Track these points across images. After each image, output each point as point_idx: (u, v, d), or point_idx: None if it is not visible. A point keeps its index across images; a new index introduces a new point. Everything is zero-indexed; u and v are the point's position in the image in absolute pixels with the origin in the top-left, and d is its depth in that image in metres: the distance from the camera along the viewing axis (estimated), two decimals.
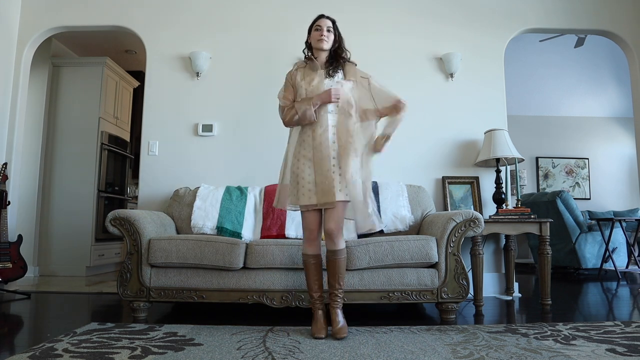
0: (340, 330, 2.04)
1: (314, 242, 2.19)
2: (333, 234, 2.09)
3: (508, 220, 2.98)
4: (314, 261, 2.17)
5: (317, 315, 2.15)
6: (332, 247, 2.11)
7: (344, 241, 2.18)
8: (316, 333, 2.06)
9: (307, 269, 2.19)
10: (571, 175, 7.03)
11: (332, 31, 2.29)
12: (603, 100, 6.94)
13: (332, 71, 2.25)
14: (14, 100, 3.68)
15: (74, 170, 4.69)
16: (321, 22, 2.29)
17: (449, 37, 3.63)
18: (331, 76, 2.24)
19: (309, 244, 2.18)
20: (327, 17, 2.32)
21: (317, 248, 2.20)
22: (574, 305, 3.10)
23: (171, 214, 3.03)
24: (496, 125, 3.48)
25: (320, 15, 2.33)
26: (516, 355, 1.74)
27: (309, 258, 2.17)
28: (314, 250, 2.18)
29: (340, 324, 2.08)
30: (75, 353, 1.74)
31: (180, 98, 3.53)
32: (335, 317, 2.10)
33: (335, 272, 2.13)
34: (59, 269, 4.54)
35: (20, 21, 3.72)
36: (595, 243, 4.80)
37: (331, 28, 2.29)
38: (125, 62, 5.68)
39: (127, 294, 2.47)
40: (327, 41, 2.26)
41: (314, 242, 2.18)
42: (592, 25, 3.74)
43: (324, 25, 2.27)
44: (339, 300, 2.15)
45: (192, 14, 3.63)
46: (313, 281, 2.17)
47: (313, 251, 2.18)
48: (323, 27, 2.27)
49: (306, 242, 2.19)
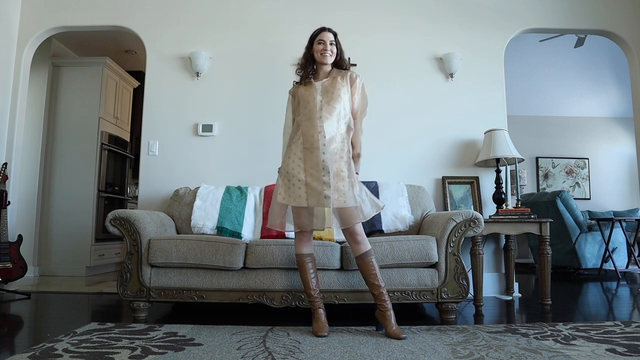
0: (395, 332, 2.03)
1: (309, 242, 2.22)
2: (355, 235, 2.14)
3: (508, 220, 2.98)
4: (309, 260, 2.20)
5: (318, 314, 2.16)
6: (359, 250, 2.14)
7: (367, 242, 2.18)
8: (318, 332, 2.06)
9: (304, 268, 2.20)
10: (571, 175, 7.03)
11: (334, 44, 2.30)
12: (603, 100, 6.94)
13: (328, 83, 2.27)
14: (14, 100, 3.68)
15: (74, 170, 4.69)
16: (324, 35, 2.29)
17: (449, 37, 3.63)
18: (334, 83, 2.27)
19: (303, 244, 2.20)
20: (328, 30, 2.32)
21: (311, 247, 2.24)
22: (574, 305, 3.09)
23: (171, 214, 3.03)
24: (496, 125, 3.48)
25: (322, 29, 2.33)
26: (516, 355, 1.74)
27: (305, 257, 2.20)
28: (309, 250, 2.22)
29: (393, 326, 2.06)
30: (75, 353, 1.74)
31: (180, 98, 3.53)
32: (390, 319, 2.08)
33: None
34: (59, 269, 4.54)
35: (20, 21, 3.72)
36: (595, 243, 4.80)
37: (333, 41, 2.30)
38: (125, 62, 5.68)
39: (127, 294, 2.47)
40: (330, 55, 2.28)
41: (308, 242, 2.21)
42: (592, 25, 3.74)
43: (327, 39, 2.28)
44: (386, 299, 2.12)
45: (192, 14, 3.63)
46: (310, 279, 2.19)
47: (308, 251, 2.21)
48: (326, 41, 2.28)
49: (300, 242, 2.21)
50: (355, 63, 3.56)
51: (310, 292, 2.19)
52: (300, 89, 2.31)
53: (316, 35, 2.31)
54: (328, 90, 2.23)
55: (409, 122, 3.54)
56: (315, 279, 2.21)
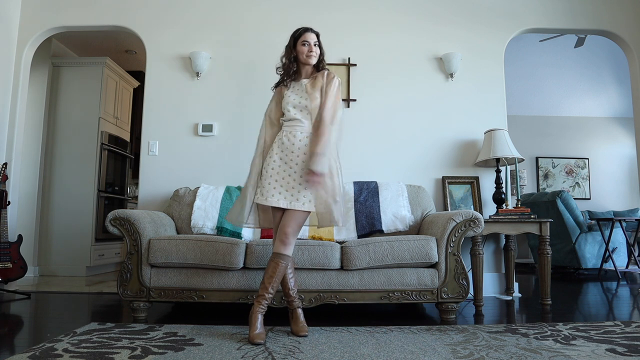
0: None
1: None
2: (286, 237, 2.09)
3: (508, 220, 2.98)
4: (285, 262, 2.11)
5: (297, 314, 2.17)
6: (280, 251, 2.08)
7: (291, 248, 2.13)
8: (299, 332, 2.07)
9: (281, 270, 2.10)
10: (571, 175, 7.03)
11: (317, 45, 2.30)
12: (603, 100, 6.94)
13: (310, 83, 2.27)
14: (14, 100, 3.68)
15: (74, 170, 4.69)
16: (308, 36, 2.28)
17: (449, 37, 3.63)
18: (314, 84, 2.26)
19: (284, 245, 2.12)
20: (312, 30, 2.32)
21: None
22: (574, 305, 3.09)
23: (171, 214, 3.03)
24: (496, 125, 3.48)
25: (305, 29, 2.31)
26: (516, 355, 1.74)
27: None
28: (288, 251, 2.11)
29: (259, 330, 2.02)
30: (75, 353, 1.74)
31: (180, 98, 3.53)
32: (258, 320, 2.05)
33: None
34: (59, 269, 4.54)
35: (20, 21, 3.72)
36: (595, 243, 4.80)
37: (317, 42, 2.31)
38: (125, 62, 5.68)
39: (127, 294, 2.47)
40: (315, 56, 2.28)
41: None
42: (592, 25, 3.74)
43: (311, 40, 2.28)
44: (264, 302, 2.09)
45: (192, 14, 3.64)
46: (289, 280, 2.17)
47: (288, 252, 2.11)
48: (310, 41, 2.27)
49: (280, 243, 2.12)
50: (355, 63, 3.56)
51: (288, 292, 2.18)
52: (284, 89, 2.31)
53: (300, 36, 2.29)
54: (309, 92, 2.23)
55: (409, 122, 3.54)
56: (293, 279, 2.20)
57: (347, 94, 3.52)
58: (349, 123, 3.51)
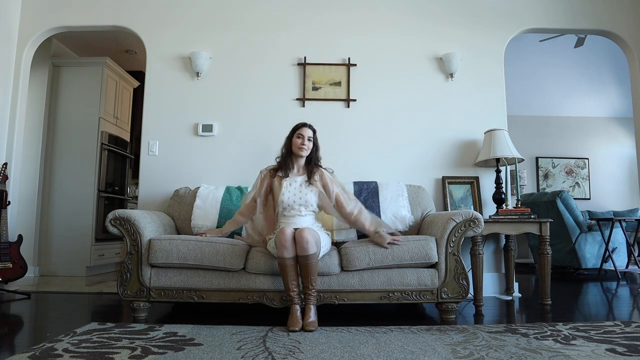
0: (310, 324, 2.19)
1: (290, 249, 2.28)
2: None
3: (508, 220, 2.98)
4: (291, 262, 2.27)
5: (294, 309, 2.26)
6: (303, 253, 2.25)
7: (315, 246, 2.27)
8: (292, 326, 2.17)
9: (286, 270, 2.27)
10: (571, 175, 7.04)
11: (312, 140, 2.58)
12: (603, 100, 6.94)
13: (308, 178, 2.56)
14: (14, 100, 3.68)
15: (74, 170, 4.69)
16: (303, 131, 2.57)
17: (449, 37, 3.63)
18: (309, 182, 2.54)
19: (285, 250, 2.26)
20: (309, 126, 2.60)
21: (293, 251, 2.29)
22: (574, 305, 3.10)
23: (171, 214, 3.03)
24: (496, 125, 3.48)
25: (303, 124, 2.60)
26: (516, 355, 1.74)
27: (287, 260, 2.25)
28: (290, 253, 2.25)
29: (311, 319, 2.22)
30: (75, 353, 1.74)
31: (180, 98, 3.53)
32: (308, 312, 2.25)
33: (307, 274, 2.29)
34: (59, 269, 4.54)
35: (20, 21, 3.72)
36: (595, 243, 4.80)
37: (311, 137, 2.59)
38: (125, 62, 5.68)
39: (127, 294, 2.47)
40: (306, 150, 2.57)
41: (289, 248, 2.27)
42: (592, 25, 3.74)
43: (306, 134, 2.56)
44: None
45: (192, 14, 3.63)
46: (291, 280, 2.27)
47: (290, 254, 2.25)
48: (305, 136, 2.56)
49: (282, 249, 2.26)
50: (355, 63, 3.56)
51: (290, 292, 2.28)
52: (276, 180, 2.57)
53: (297, 129, 2.58)
54: (302, 189, 2.50)
55: (409, 122, 3.54)
56: (295, 279, 2.30)
57: (347, 94, 3.53)
58: (349, 123, 3.51)
